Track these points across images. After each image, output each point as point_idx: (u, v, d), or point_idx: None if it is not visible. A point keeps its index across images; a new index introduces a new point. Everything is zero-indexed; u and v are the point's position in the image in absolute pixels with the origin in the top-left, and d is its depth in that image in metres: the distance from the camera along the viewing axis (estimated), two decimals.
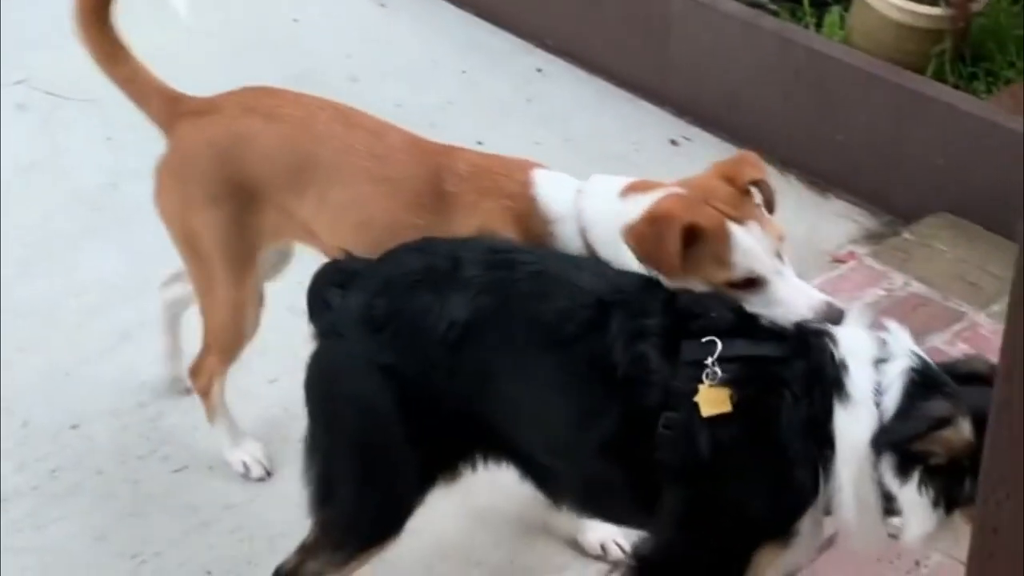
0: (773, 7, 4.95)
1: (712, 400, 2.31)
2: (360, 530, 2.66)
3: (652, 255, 2.57)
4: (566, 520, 3.08)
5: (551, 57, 5.30)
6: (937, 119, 4.35)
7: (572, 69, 5.24)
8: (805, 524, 2.38)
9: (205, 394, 3.31)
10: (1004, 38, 4.83)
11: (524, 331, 2.48)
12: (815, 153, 4.67)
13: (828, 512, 2.38)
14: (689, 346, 2.37)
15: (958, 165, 4.31)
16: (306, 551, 2.69)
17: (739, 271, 2.57)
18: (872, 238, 4.40)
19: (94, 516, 3.22)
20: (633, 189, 2.72)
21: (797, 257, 4.28)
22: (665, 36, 5.00)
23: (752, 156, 2.76)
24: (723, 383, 2.32)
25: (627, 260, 2.65)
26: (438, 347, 2.47)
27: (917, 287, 3.99)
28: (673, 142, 4.82)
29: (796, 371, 2.33)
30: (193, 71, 4.95)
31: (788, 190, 4.64)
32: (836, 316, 2.55)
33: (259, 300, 3.15)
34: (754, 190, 2.69)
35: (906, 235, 4.27)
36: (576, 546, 3.13)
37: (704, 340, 2.36)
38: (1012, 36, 4.82)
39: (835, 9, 4.95)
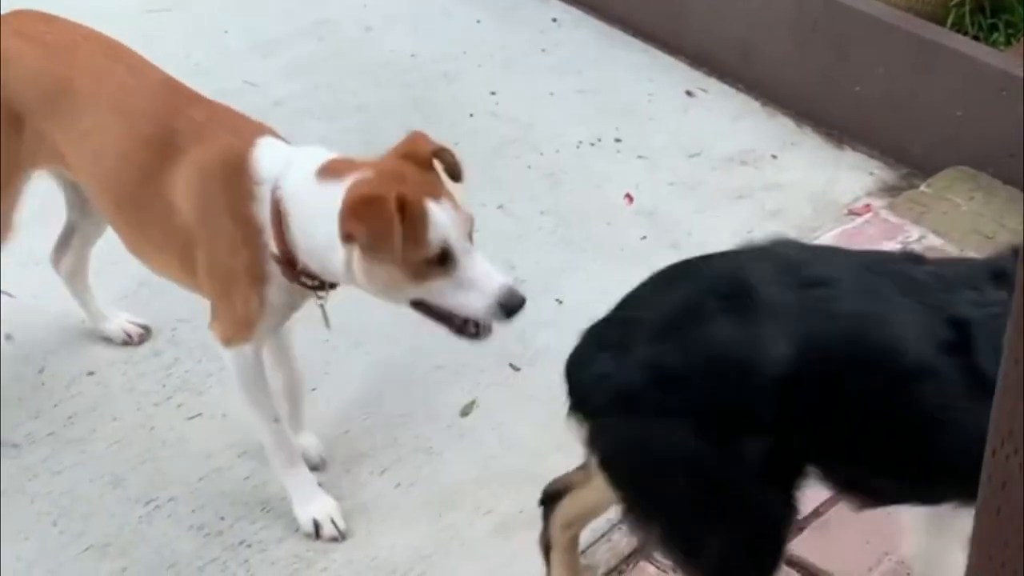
0: None
1: None
2: (742, 571, 2.48)
3: (379, 236, 2.53)
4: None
5: (566, 7, 5.26)
6: (956, 71, 4.32)
7: (587, 19, 5.21)
8: None
9: None
10: None
11: (879, 361, 2.23)
12: (832, 104, 4.64)
13: None
14: None
15: (976, 117, 4.29)
16: None
17: (433, 248, 2.56)
18: (888, 190, 4.38)
19: (109, 462, 3.25)
20: (329, 171, 2.68)
21: (812, 209, 4.30)
22: None
23: (421, 133, 2.72)
24: None
25: (318, 236, 2.65)
26: (762, 385, 2.22)
27: (933, 240, 3.98)
28: (689, 93, 4.80)
29: None
30: (207, 20, 4.97)
31: (804, 142, 4.62)
32: (516, 303, 2.56)
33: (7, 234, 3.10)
34: (438, 164, 2.69)
35: (923, 188, 4.25)
36: None
37: None
38: None
39: None
